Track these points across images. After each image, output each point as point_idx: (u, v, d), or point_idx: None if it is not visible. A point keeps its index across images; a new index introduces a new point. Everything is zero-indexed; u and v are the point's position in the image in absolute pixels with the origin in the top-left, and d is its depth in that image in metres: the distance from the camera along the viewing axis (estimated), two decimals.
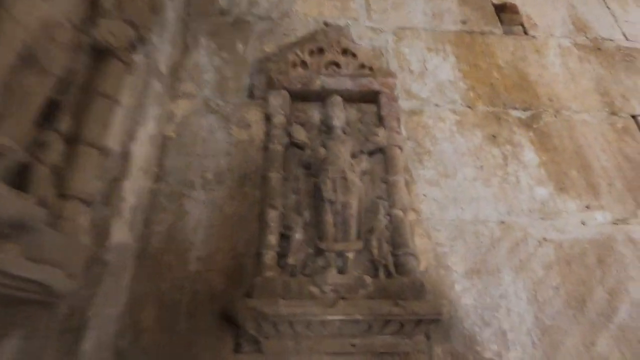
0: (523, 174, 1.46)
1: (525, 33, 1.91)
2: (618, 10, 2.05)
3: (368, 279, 1.13)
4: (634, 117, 1.68)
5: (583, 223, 1.37)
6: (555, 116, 1.63)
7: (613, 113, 1.68)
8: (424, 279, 1.19)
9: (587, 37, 1.92)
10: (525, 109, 1.64)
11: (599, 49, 1.88)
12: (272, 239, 1.18)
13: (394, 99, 1.52)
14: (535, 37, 1.89)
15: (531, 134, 1.57)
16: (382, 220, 1.25)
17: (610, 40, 1.93)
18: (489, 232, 1.33)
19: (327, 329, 1.05)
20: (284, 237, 1.21)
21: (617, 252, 1.33)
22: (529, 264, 1.28)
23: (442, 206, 1.36)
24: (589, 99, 1.71)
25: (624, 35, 1.96)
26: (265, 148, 1.41)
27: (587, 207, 1.41)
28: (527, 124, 1.60)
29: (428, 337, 1.12)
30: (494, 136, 1.55)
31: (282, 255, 1.18)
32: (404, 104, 1.58)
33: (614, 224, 1.38)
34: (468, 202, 1.38)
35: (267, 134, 1.43)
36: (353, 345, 1.06)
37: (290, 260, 1.14)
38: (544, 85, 1.72)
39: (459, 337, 1.14)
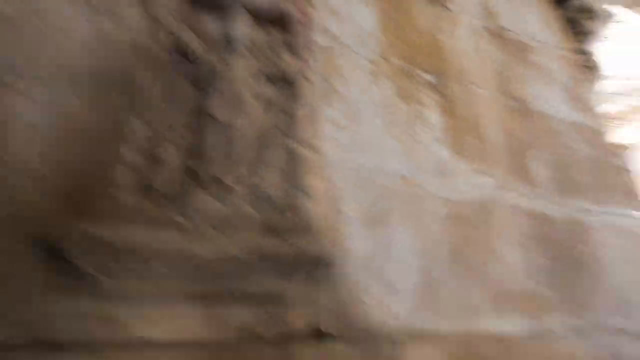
0: (428, 133, 1.46)
1: (444, 5, 1.93)
2: (518, 6, 2.23)
3: (253, 213, 0.95)
4: (521, 101, 1.83)
5: (473, 185, 1.43)
6: (461, 87, 1.68)
7: (506, 94, 1.80)
8: (318, 221, 1.07)
9: (493, 23, 2.03)
10: (436, 74, 1.64)
11: (501, 36, 2.01)
12: (134, 155, 0.91)
13: (310, 30, 1.35)
14: (452, 11, 1.92)
15: (439, 98, 1.58)
16: (279, 153, 1.08)
17: (510, 31, 2.08)
18: (390, 184, 1.28)
19: (195, 268, 0.85)
20: (153, 159, 0.95)
21: (496, 214, 1.41)
22: (424, 219, 1.27)
23: (347, 151, 1.26)
24: (489, 77, 1.80)
25: (519, 30, 2.13)
26: (145, 52, 1.10)
27: (478, 172, 1.47)
28: (436, 88, 1.60)
29: (315, 283, 1.00)
30: (405, 93, 1.51)
31: (147, 179, 0.92)
32: (320, 39, 1.42)
33: (497, 189, 1.47)
34: (374, 152, 1.30)
35: (151, 37, 1.13)
36: (227, 289, 0.88)
37: (155, 183, 0.90)
38: (454, 57, 1.76)
39: (346, 285, 1.05)
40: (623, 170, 2.08)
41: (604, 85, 3.07)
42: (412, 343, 1.01)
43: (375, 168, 1.27)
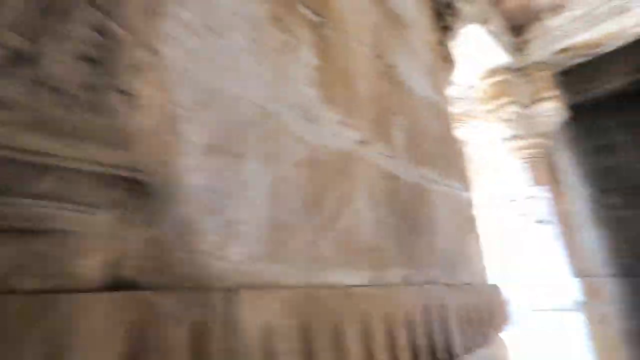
0: (298, 70, 1.30)
1: None
2: None
3: (24, 102, 0.61)
4: (392, 68, 1.86)
5: (337, 136, 1.35)
6: (340, 35, 1.58)
7: (379, 58, 1.80)
8: (142, 136, 0.79)
9: None
10: (318, 15, 1.50)
11: (381, 3, 2.01)
12: None
13: None
14: None
15: (315, 38, 1.44)
16: (85, 32, 0.75)
17: (389, 2, 2.11)
18: (246, 113, 1.07)
19: None
20: None
21: (355, 168, 1.37)
22: (280, 158, 1.11)
23: (197, 62, 0.99)
24: (366, 36, 1.77)
25: (398, 3, 2.19)
26: None
27: (343, 123, 1.40)
28: (315, 29, 1.46)
29: (125, 215, 0.73)
30: (282, 23, 1.31)
31: None
32: None
33: (360, 145, 1.44)
34: (231, 72, 1.07)
35: None
36: None
37: None
38: (337, 3, 1.65)
39: (172, 223, 0.81)
40: (459, 153, 2.39)
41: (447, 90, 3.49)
42: (249, 294, 0.85)
43: (231, 92, 1.05)
